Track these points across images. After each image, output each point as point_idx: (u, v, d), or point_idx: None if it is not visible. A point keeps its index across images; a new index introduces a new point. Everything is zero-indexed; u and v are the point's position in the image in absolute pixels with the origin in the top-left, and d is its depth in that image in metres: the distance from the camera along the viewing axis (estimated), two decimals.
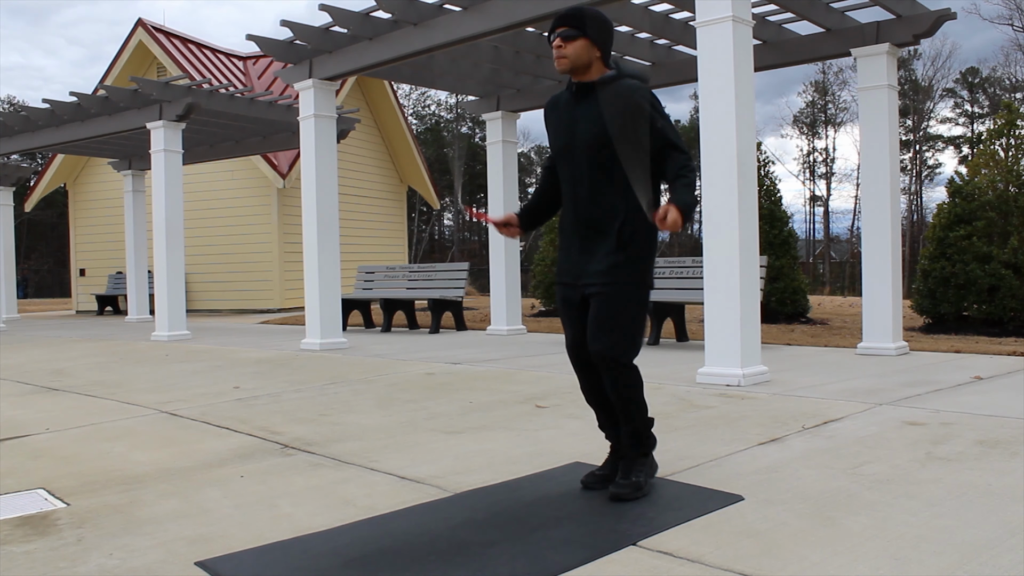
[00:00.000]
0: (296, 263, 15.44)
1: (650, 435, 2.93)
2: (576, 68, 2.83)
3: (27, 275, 39.15)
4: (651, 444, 2.94)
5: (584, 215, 2.84)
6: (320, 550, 2.37)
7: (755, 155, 5.61)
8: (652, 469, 2.96)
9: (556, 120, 2.94)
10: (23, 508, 2.86)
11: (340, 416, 4.51)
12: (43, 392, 5.75)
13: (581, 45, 2.80)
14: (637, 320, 2.83)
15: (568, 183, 2.90)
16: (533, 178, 58.08)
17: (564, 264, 2.95)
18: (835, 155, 62.46)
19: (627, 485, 2.80)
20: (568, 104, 2.91)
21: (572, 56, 2.81)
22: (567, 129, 2.88)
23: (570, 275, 2.90)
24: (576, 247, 2.89)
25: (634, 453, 2.88)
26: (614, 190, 2.79)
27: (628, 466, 2.87)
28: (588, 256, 2.84)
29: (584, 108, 2.84)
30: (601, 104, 2.78)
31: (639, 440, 2.88)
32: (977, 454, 3.29)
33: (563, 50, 2.82)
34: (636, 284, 2.80)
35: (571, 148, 2.86)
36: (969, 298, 9.23)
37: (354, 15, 7.60)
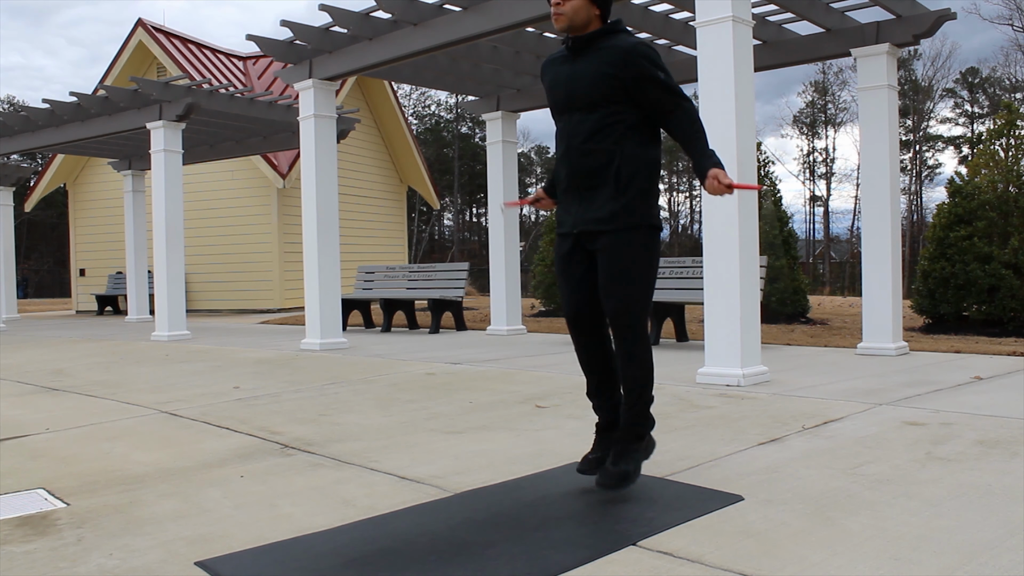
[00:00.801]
0: (296, 263, 15.44)
1: (649, 414, 2.87)
2: (573, 26, 2.78)
3: (27, 275, 39.14)
4: (649, 424, 2.88)
5: (580, 165, 2.79)
6: (320, 550, 2.37)
7: (755, 155, 5.61)
8: (648, 449, 2.90)
9: (553, 75, 2.90)
10: (23, 508, 2.86)
11: (340, 416, 4.51)
12: (43, 392, 5.75)
13: (579, 2, 2.75)
14: (648, 267, 2.76)
15: (564, 136, 2.85)
16: (533, 178, 58.11)
17: (562, 216, 2.88)
18: (835, 155, 62.51)
19: (614, 475, 2.74)
20: (564, 59, 2.87)
21: (569, 12, 2.76)
22: (564, 83, 2.84)
23: (568, 224, 2.84)
24: (574, 198, 2.83)
25: (628, 434, 2.82)
26: (610, 139, 2.74)
27: (620, 451, 2.80)
28: (588, 204, 2.78)
29: (580, 62, 2.79)
30: (596, 58, 2.75)
31: (636, 417, 2.82)
32: (977, 454, 3.29)
33: (561, 7, 2.76)
34: (641, 226, 2.74)
35: (568, 101, 2.81)
36: (969, 298, 9.23)
37: (354, 15, 7.60)
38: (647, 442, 2.90)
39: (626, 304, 2.73)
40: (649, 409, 2.87)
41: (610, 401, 2.95)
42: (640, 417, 2.84)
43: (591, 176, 2.78)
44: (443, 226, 59.11)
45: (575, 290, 2.86)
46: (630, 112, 2.76)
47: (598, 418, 3.00)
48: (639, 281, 2.74)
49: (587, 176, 2.78)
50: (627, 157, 2.73)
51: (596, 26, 2.81)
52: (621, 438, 2.85)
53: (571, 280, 2.87)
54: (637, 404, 2.83)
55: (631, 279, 2.73)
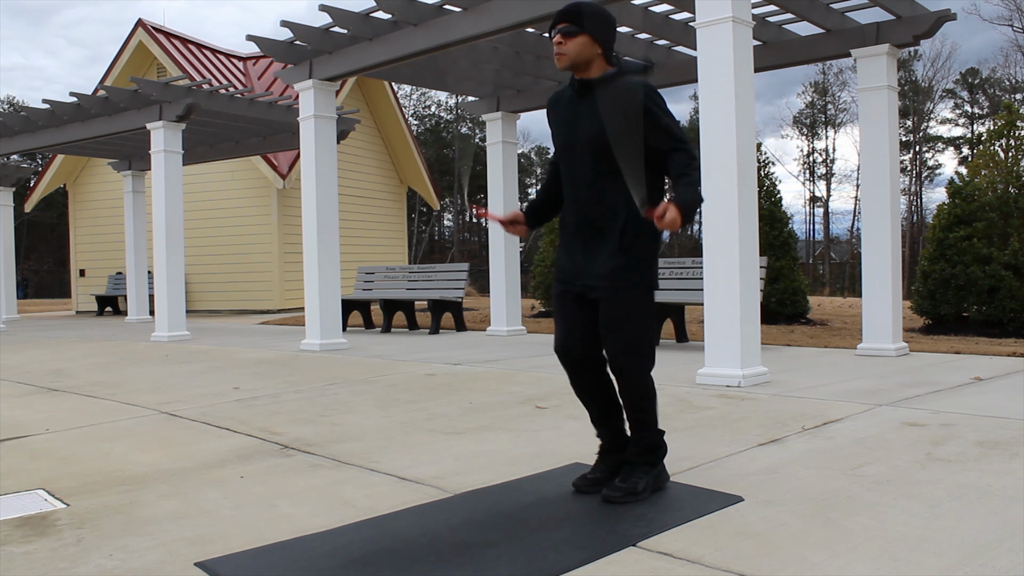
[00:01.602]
0: (296, 263, 15.44)
1: (660, 445, 2.88)
2: (576, 65, 2.77)
3: (27, 275, 39.13)
4: (660, 454, 2.88)
5: (585, 215, 2.79)
6: (320, 550, 2.37)
7: (755, 156, 5.61)
8: (660, 480, 2.89)
9: (558, 118, 2.89)
10: (23, 508, 2.86)
11: (340, 417, 4.51)
12: (43, 392, 5.74)
13: (581, 42, 2.74)
14: (645, 323, 2.78)
15: (570, 182, 2.84)
16: (533, 178, 58.09)
17: (564, 263, 2.88)
18: (835, 156, 62.53)
19: (623, 489, 2.75)
20: (570, 101, 2.85)
21: (572, 53, 2.75)
22: (569, 127, 2.83)
23: (569, 274, 2.85)
24: (578, 248, 2.83)
25: (640, 459, 2.84)
26: (617, 190, 2.72)
27: (630, 470, 2.83)
28: (590, 257, 2.79)
29: (585, 106, 2.78)
30: (601, 102, 2.72)
31: (646, 451, 2.84)
32: (977, 455, 3.29)
33: (563, 47, 2.75)
34: (641, 287, 2.76)
35: (573, 147, 2.81)
36: (969, 299, 9.23)
37: (354, 16, 7.60)
38: (659, 470, 2.89)
39: (628, 347, 2.74)
40: (660, 441, 2.88)
41: (613, 428, 2.94)
42: (650, 450, 2.85)
43: (597, 228, 2.78)
44: (443, 227, 59.12)
45: (568, 327, 2.86)
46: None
47: (601, 441, 2.99)
48: (636, 330, 2.75)
49: (594, 226, 2.79)
50: (633, 213, 2.70)
51: (599, 64, 2.78)
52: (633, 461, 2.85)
53: (565, 317, 2.87)
54: (645, 439, 2.84)
55: (631, 326, 2.74)
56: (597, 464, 2.95)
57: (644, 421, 2.83)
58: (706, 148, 5.42)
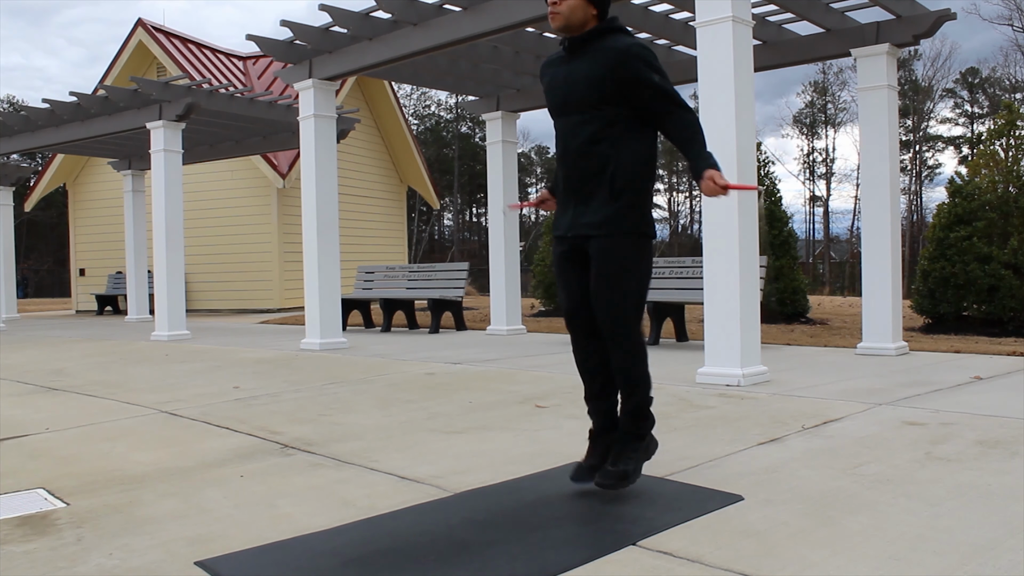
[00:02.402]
0: (296, 263, 15.44)
1: (649, 414, 2.86)
2: (570, 25, 2.77)
3: (27, 275, 39.13)
4: (649, 424, 2.87)
5: (576, 168, 2.79)
6: (320, 550, 2.37)
7: (755, 155, 5.61)
8: (649, 450, 2.89)
9: (550, 77, 2.90)
10: (23, 508, 2.86)
11: (340, 416, 4.51)
12: (43, 392, 5.75)
13: (576, 2, 2.73)
14: (640, 275, 2.76)
15: (562, 138, 2.85)
16: (533, 178, 58.10)
17: (559, 219, 2.89)
18: (835, 155, 62.52)
19: (614, 475, 2.74)
20: (561, 61, 2.86)
21: (566, 12, 2.74)
22: (561, 84, 2.83)
23: (563, 228, 2.85)
24: (571, 202, 2.84)
25: (630, 435, 2.82)
26: (606, 142, 2.73)
27: (620, 451, 2.81)
28: (583, 208, 2.79)
29: (577, 63, 2.79)
30: (591, 59, 2.74)
31: (637, 418, 2.82)
32: (977, 454, 3.29)
33: (557, 6, 2.74)
34: (632, 234, 2.74)
35: (565, 103, 2.81)
36: (969, 298, 9.23)
37: (354, 15, 7.60)
38: (648, 442, 2.89)
39: (616, 308, 2.73)
40: (648, 409, 2.87)
41: (606, 404, 2.94)
42: (639, 418, 2.84)
43: (586, 180, 2.78)
44: (443, 226, 59.12)
45: (571, 291, 2.87)
46: (626, 114, 2.75)
47: (592, 423, 2.98)
48: (628, 286, 2.74)
49: (583, 180, 2.79)
50: (622, 163, 2.73)
51: (593, 25, 2.79)
52: (621, 439, 2.85)
53: (568, 281, 2.88)
54: (636, 406, 2.83)
55: (620, 283, 2.73)
56: (589, 450, 2.94)
57: (634, 381, 2.80)
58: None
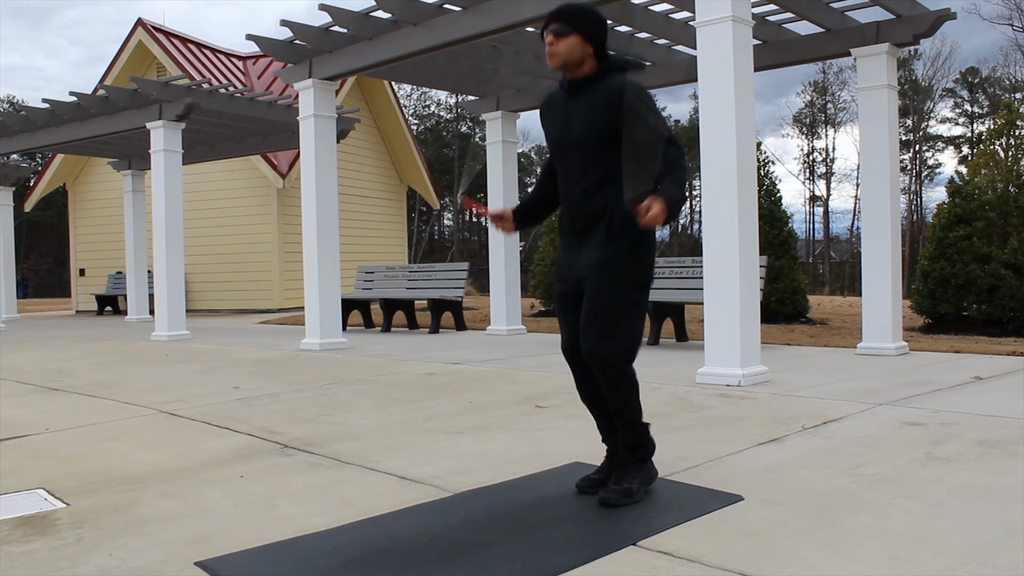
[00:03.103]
0: (296, 263, 15.44)
1: (647, 441, 2.87)
2: (568, 65, 2.80)
3: (27, 275, 39.14)
4: (648, 451, 2.88)
5: (577, 211, 2.82)
6: (320, 550, 2.37)
7: (755, 155, 5.61)
8: (650, 476, 2.89)
9: (551, 118, 2.93)
10: (23, 508, 2.86)
11: (340, 416, 4.51)
12: (43, 392, 5.75)
13: (573, 42, 2.77)
14: (630, 317, 2.74)
15: (563, 180, 2.88)
16: (533, 178, 58.08)
17: (561, 260, 2.93)
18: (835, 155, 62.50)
19: (617, 491, 2.75)
20: (562, 101, 2.89)
21: (563, 53, 2.78)
22: (561, 126, 2.86)
23: (565, 269, 2.89)
24: (572, 244, 2.87)
25: (629, 458, 2.84)
26: (607, 187, 2.75)
27: (622, 471, 2.83)
28: (582, 250, 2.82)
29: (576, 105, 2.81)
30: (588, 100, 2.77)
31: (634, 446, 2.84)
32: (977, 454, 3.29)
33: (555, 47, 2.79)
34: (626, 277, 2.73)
35: (564, 145, 2.84)
36: (969, 298, 9.23)
37: (354, 15, 7.60)
38: (649, 467, 2.90)
39: (604, 334, 2.70)
40: (646, 437, 2.87)
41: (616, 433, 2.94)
42: (638, 447, 2.85)
43: (588, 222, 2.80)
44: (443, 226, 59.11)
45: (571, 327, 2.88)
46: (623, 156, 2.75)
47: (607, 447, 2.99)
48: (616, 326, 2.71)
49: (584, 221, 2.81)
50: (620, 208, 2.72)
51: (591, 64, 2.81)
52: (624, 461, 2.86)
53: (567, 317, 2.90)
54: (630, 437, 2.84)
55: (610, 315, 2.70)
56: (603, 465, 2.96)
57: (625, 418, 2.80)
58: (706, 147, 5.42)
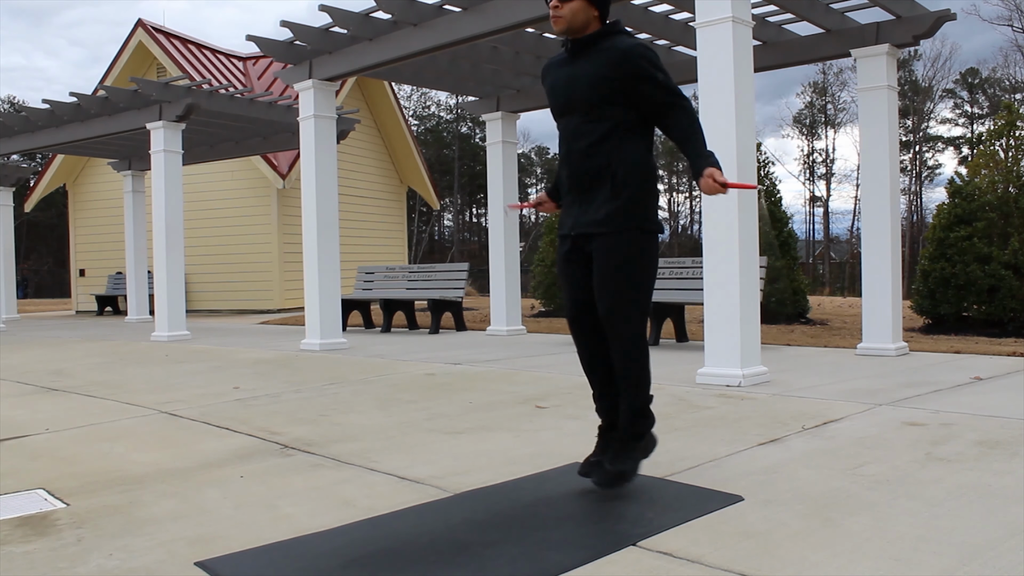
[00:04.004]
0: (296, 263, 15.43)
1: (648, 414, 2.88)
2: (572, 28, 2.80)
3: (27, 275, 39.13)
4: (649, 423, 2.89)
5: (580, 168, 2.81)
6: (320, 550, 2.37)
7: (755, 156, 5.61)
8: (647, 449, 2.90)
9: (553, 78, 2.93)
10: (23, 508, 2.86)
11: (340, 416, 4.51)
12: (43, 392, 5.74)
13: (578, 5, 2.77)
14: (644, 271, 2.76)
15: (565, 139, 2.87)
16: (533, 178, 58.09)
17: (563, 218, 2.92)
18: (835, 156, 62.51)
19: (611, 474, 2.77)
20: (563, 63, 2.89)
21: (568, 15, 2.77)
22: (564, 86, 2.86)
23: (567, 226, 2.88)
24: (575, 201, 2.86)
25: (628, 434, 2.83)
26: (609, 142, 2.76)
27: (618, 450, 2.83)
28: (585, 207, 2.81)
29: (580, 64, 2.81)
30: (594, 58, 2.76)
31: (635, 417, 2.84)
32: (977, 455, 3.29)
33: (559, 9, 2.78)
34: (634, 230, 2.74)
35: (568, 104, 2.84)
36: (969, 299, 9.23)
37: (354, 16, 7.60)
38: (646, 441, 2.90)
39: (618, 304, 2.74)
40: (648, 407, 2.88)
41: (612, 402, 2.95)
42: (638, 416, 2.85)
43: (589, 179, 2.80)
44: (443, 226, 59.12)
45: (575, 291, 2.89)
46: (628, 115, 2.78)
47: (600, 420, 3.00)
48: (632, 282, 2.75)
49: (586, 179, 2.81)
50: (624, 160, 2.75)
51: (595, 27, 2.82)
52: (620, 437, 2.86)
53: (571, 281, 2.89)
54: (634, 404, 2.84)
55: (623, 279, 2.74)
56: (597, 447, 2.97)
57: (634, 380, 2.80)
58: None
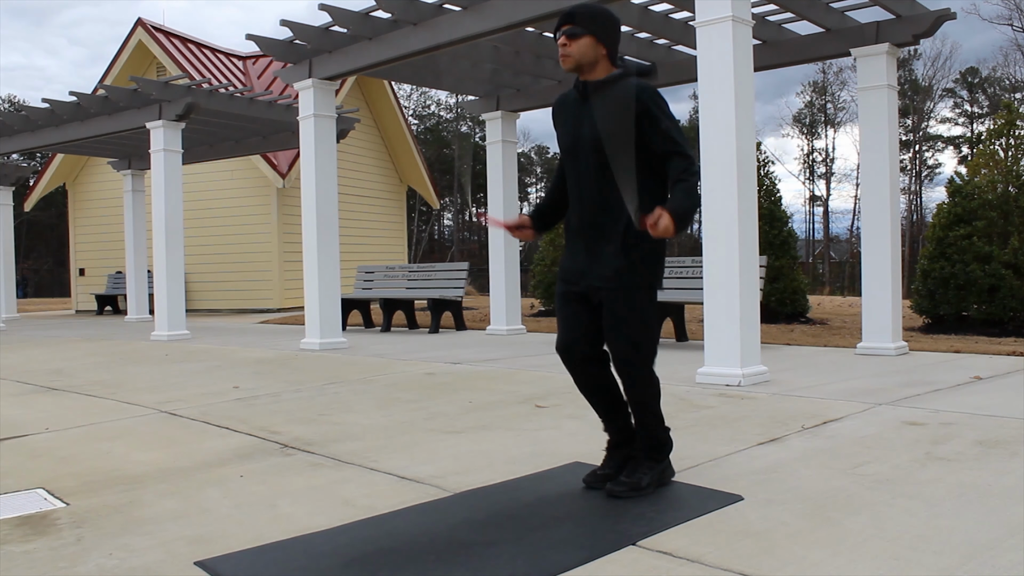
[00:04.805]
0: (296, 263, 15.43)
1: (666, 444, 2.91)
2: (581, 66, 2.79)
3: (27, 275, 39.14)
4: (666, 450, 2.92)
5: (589, 216, 2.81)
6: (320, 550, 2.37)
7: (755, 155, 5.61)
8: (664, 476, 2.91)
9: (563, 119, 2.92)
10: (23, 508, 2.86)
11: (340, 416, 4.51)
12: (43, 392, 5.74)
13: (586, 43, 2.76)
14: (649, 323, 2.81)
15: (574, 183, 2.86)
16: (533, 178, 58.08)
17: (568, 264, 2.90)
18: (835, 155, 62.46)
19: (625, 484, 2.79)
20: (575, 103, 2.88)
21: (576, 54, 2.77)
22: (573, 129, 2.85)
23: (573, 274, 2.86)
24: (581, 249, 2.85)
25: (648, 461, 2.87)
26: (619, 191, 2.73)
27: (635, 466, 2.87)
28: (593, 258, 2.81)
29: (588, 108, 2.80)
30: (601, 104, 2.75)
31: (655, 449, 2.88)
32: (977, 454, 3.29)
33: (568, 48, 2.78)
34: (643, 288, 2.77)
35: (577, 148, 2.83)
36: (969, 298, 9.23)
37: (354, 15, 7.60)
38: (664, 467, 2.92)
39: (629, 347, 2.77)
40: (666, 439, 2.91)
41: (619, 422, 2.96)
42: (656, 448, 2.89)
43: (600, 229, 2.80)
44: (443, 226, 59.11)
45: (571, 327, 2.88)
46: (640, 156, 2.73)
47: (608, 436, 3.01)
48: (641, 326, 2.79)
49: (596, 229, 2.81)
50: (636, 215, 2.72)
51: (604, 66, 2.80)
52: (639, 457, 2.90)
53: (567, 317, 2.89)
54: (651, 438, 2.87)
55: (633, 326, 2.77)
56: (606, 460, 2.98)
57: (648, 419, 2.86)
58: (706, 147, 5.42)
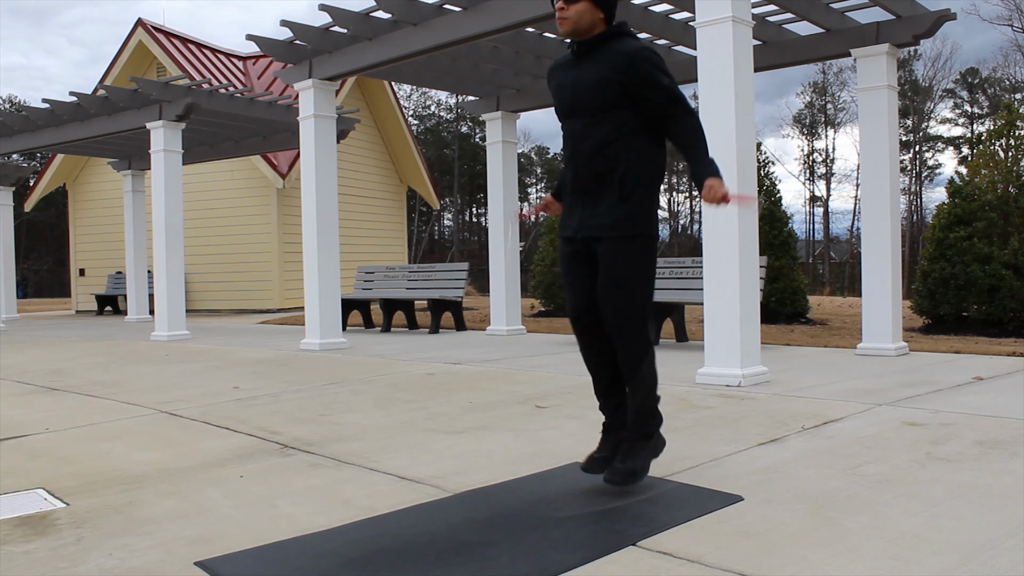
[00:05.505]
0: (296, 263, 15.43)
1: (656, 413, 2.89)
2: (578, 30, 2.80)
3: (27, 275, 39.14)
4: (656, 423, 2.90)
5: (585, 170, 2.82)
6: (319, 550, 2.37)
7: (755, 155, 5.61)
8: (657, 448, 2.91)
9: (559, 80, 2.93)
10: (23, 508, 2.86)
11: (340, 416, 4.51)
12: (43, 392, 5.74)
13: (584, 7, 2.77)
14: (647, 276, 2.80)
15: (570, 141, 2.87)
16: (533, 178, 58.09)
17: (566, 220, 2.92)
18: (835, 155, 62.50)
19: (622, 472, 2.78)
20: (569, 64, 2.89)
21: (574, 17, 2.78)
22: (569, 87, 2.86)
23: (571, 229, 2.88)
24: (578, 203, 2.86)
25: (636, 433, 2.85)
26: (615, 145, 2.76)
27: (627, 449, 2.84)
28: (591, 209, 2.82)
29: (585, 67, 2.82)
30: (599, 60, 2.77)
31: (643, 418, 2.85)
32: (976, 455, 3.29)
33: (565, 11, 2.79)
34: (640, 238, 2.77)
35: (573, 106, 2.84)
36: (969, 299, 9.23)
37: (354, 15, 7.60)
38: (656, 440, 2.91)
39: (624, 310, 2.76)
40: (656, 407, 2.90)
41: (615, 400, 2.96)
42: (647, 416, 2.87)
43: (595, 182, 2.80)
44: (443, 226, 59.11)
45: (578, 291, 2.89)
46: (635, 117, 2.78)
47: (604, 417, 3.01)
48: (637, 287, 2.78)
49: (592, 182, 2.81)
50: (631, 165, 2.76)
51: (601, 29, 2.82)
52: (629, 437, 2.88)
53: (574, 282, 2.90)
54: (643, 405, 2.85)
55: (629, 286, 2.77)
56: (601, 443, 2.98)
57: (640, 383, 2.82)
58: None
